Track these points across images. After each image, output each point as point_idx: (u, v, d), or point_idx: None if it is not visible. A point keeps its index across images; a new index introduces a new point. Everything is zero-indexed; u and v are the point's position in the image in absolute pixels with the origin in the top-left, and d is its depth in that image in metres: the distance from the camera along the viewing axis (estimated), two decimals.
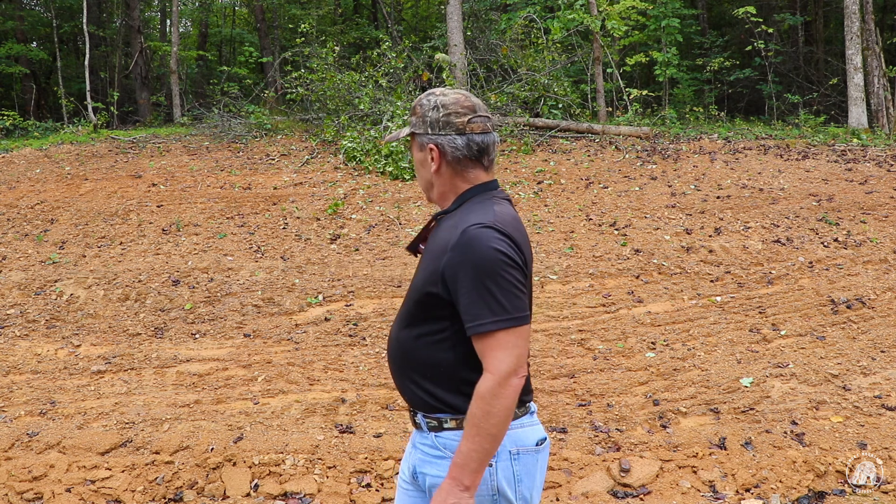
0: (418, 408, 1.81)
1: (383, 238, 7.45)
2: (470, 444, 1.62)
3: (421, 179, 1.89)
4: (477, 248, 1.63)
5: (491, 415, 1.60)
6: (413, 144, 1.87)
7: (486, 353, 1.64)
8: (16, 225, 7.99)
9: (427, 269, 1.75)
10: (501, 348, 1.62)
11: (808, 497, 3.31)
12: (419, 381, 1.79)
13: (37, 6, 21.10)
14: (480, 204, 1.78)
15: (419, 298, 1.75)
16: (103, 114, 15.11)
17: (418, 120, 1.83)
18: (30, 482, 3.42)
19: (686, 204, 8.20)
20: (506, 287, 1.62)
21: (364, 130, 10.71)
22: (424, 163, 1.84)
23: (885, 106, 12.76)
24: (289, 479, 3.45)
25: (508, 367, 1.61)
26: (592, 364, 4.74)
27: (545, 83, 12.44)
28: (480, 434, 1.61)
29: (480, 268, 1.62)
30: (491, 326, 1.61)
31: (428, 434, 1.80)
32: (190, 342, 5.25)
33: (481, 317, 1.62)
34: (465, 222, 1.69)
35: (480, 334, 1.63)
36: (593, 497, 3.32)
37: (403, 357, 1.82)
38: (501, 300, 1.61)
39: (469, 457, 1.62)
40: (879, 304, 5.60)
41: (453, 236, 1.68)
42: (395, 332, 1.86)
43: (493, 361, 1.62)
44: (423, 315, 1.76)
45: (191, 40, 23.76)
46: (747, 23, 14.72)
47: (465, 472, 1.63)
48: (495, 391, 1.60)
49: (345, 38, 18.16)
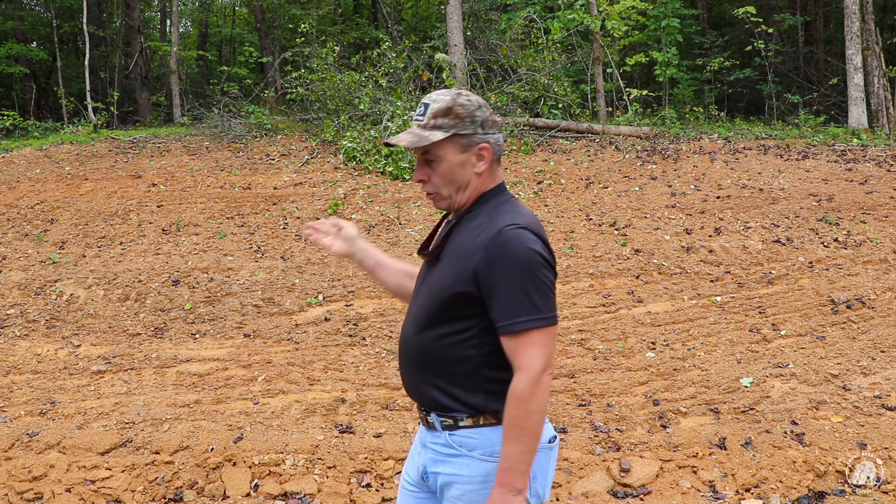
0: (434, 408, 1.81)
1: (383, 238, 7.45)
2: (515, 447, 1.65)
3: (452, 183, 1.81)
4: (514, 248, 1.66)
5: (532, 413, 1.64)
6: (445, 147, 1.79)
7: (519, 351, 1.66)
8: (16, 225, 7.99)
9: (454, 269, 1.75)
10: (535, 346, 1.65)
11: (808, 497, 3.31)
12: (439, 382, 1.78)
13: (37, 6, 21.10)
14: (506, 204, 1.80)
15: (447, 298, 1.74)
16: (103, 114, 15.11)
17: (462, 121, 1.78)
18: (30, 482, 3.42)
19: (686, 204, 8.20)
20: (541, 287, 1.66)
21: (364, 130, 10.71)
22: (465, 164, 1.80)
23: (885, 106, 12.76)
24: (289, 479, 3.45)
25: (542, 365, 1.65)
26: (592, 364, 4.74)
27: (545, 83, 12.44)
28: (524, 434, 1.65)
29: (518, 268, 1.65)
30: (526, 325, 1.64)
31: (441, 433, 1.80)
32: (190, 342, 5.25)
33: (516, 315, 1.65)
34: (498, 223, 1.71)
35: (515, 333, 1.66)
36: (593, 497, 3.32)
37: (424, 358, 1.81)
38: (536, 300, 1.65)
39: (516, 459, 1.65)
40: (879, 304, 5.60)
41: (485, 237, 1.70)
42: (413, 333, 1.84)
43: (527, 359, 1.65)
44: (448, 315, 1.75)
45: (191, 40, 23.77)
46: (747, 23, 14.72)
47: (515, 476, 1.65)
48: (532, 389, 1.64)
49: (345, 38, 18.16)
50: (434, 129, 1.77)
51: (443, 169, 1.80)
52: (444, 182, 1.81)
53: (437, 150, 1.79)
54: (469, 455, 1.76)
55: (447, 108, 1.78)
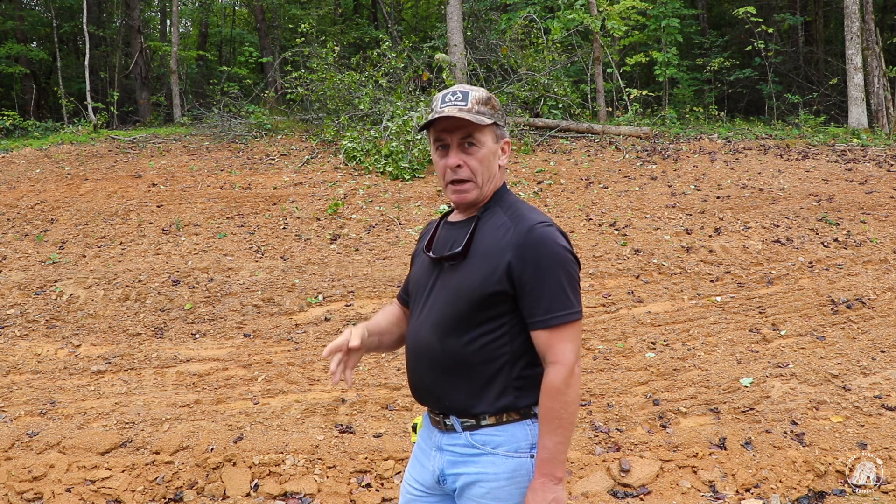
0: (454, 412, 1.80)
1: (383, 238, 7.45)
2: (555, 438, 1.69)
3: (487, 170, 1.83)
4: (548, 245, 1.71)
5: (569, 403, 1.69)
6: (487, 134, 1.81)
7: (554, 344, 1.71)
8: (16, 225, 7.99)
9: (482, 269, 1.74)
10: (569, 340, 1.71)
11: (808, 497, 3.31)
12: (468, 386, 1.77)
13: (37, 6, 21.10)
14: (519, 203, 1.85)
15: (477, 299, 1.74)
16: (103, 114, 15.11)
17: (498, 113, 1.84)
18: (30, 482, 3.42)
19: (686, 204, 8.20)
20: (573, 283, 1.73)
21: (364, 130, 10.71)
22: (496, 155, 1.85)
23: (885, 106, 12.76)
24: (289, 479, 3.45)
25: (573, 357, 1.71)
26: (592, 364, 4.74)
27: (545, 83, 12.43)
28: (563, 425, 1.69)
29: (552, 264, 1.71)
30: (562, 319, 1.70)
31: (461, 434, 1.79)
32: (190, 342, 5.25)
33: (553, 310, 1.70)
34: (525, 220, 1.76)
35: (551, 327, 1.70)
36: (593, 497, 3.32)
37: (451, 364, 1.78)
38: (570, 295, 1.72)
39: (557, 450, 1.69)
40: (879, 304, 5.60)
41: (515, 234, 1.73)
42: (435, 339, 1.80)
43: (562, 352, 1.70)
44: (479, 316, 1.75)
45: (191, 40, 23.76)
46: (747, 23, 14.72)
47: (556, 466, 1.69)
48: (568, 380, 1.69)
49: (345, 38, 18.16)
50: (479, 115, 1.79)
51: (481, 154, 1.81)
52: (482, 168, 1.82)
53: (481, 135, 1.80)
54: (493, 453, 1.76)
55: (487, 98, 1.82)
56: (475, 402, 1.76)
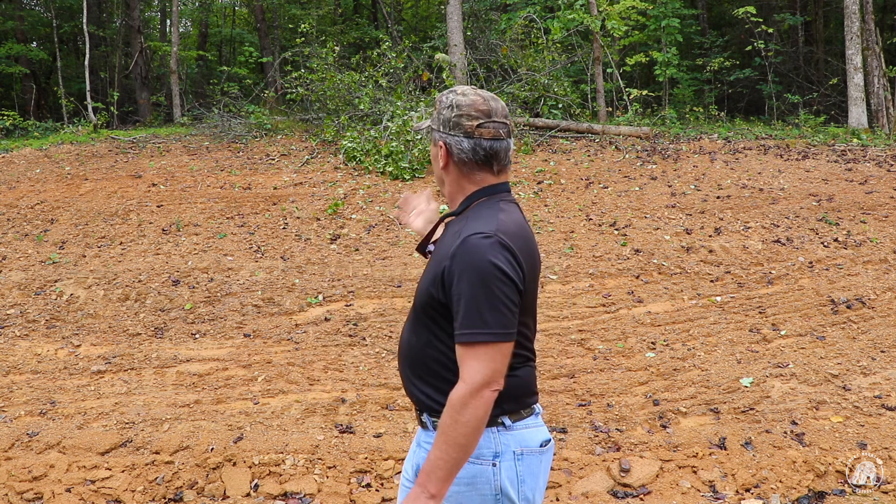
0: (423, 408, 1.82)
1: (383, 238, 7.45)
2: (438, 452, 1.62)
3: (435, 174, 1.91)
4: (474, 258, 1.63)
5: (459, 423, 1.60)
6: (432, 136, 1.88)
7: (464, 361, 1.64)
8: (16, 225, 7.99)
9: (431, 273, 1.77)
10: (477, 359, 1.62)
11: (808, 497, 3.31)
12: (425, 383, 1.80)
13: (37, 6, 21.10)
14: (487, 209, 1.76)
15: (425, 301, 1.77)
16: (103, 114, 15.11)
17: (435, 115, 1.84)
18: (30, 482, 3.42)
19: (686, 204, 8.20)
20: (493, 302, 1.62)
21: (364, 130, 10.71)
22: (436, 158, 1.86)
23: (885, 106, 12.76)
24: (289, 479, 3.45)
25: (481, 379, 1.61)
26: (592, 364, 4.74)
27: (545, 83, 12.43)
28: (448, 442, 1.61)
29: (473, 278, 1.62)
30: (471, 337, 1.62)
31: (433, 432, 1.81)
32: (190, 342, 5.25)
33: (465, 326, 1.63)
34: (467, 230, 1.69)
35: (461, 343, 1.64)
36: (593, 497, 3.32)
37: (411, 359, 1.83)
38: (485, 314, 1.61)
39: (437, 464, 1.62)
40: (879, 304, 5.60)
41: (455, 243, 1.69)
42: (405, 334, 1.88)
43: (468, 371, 1.62)
44: (427, 318, 1.78)
45: (191, 40, 23.76)
46: (747, 23, 14.72)
47: (431, 480, 1.62)
48: (465, 400, 1.60)
49: (345, 38, 18.16)
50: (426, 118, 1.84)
51: (431, 159, 1.90)
52: (434, 172, 1.90)
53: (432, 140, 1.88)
54: None
55: (435, 101, 1.88)
56: (436, 402, 1.77)
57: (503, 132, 1.80)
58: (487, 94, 1.83)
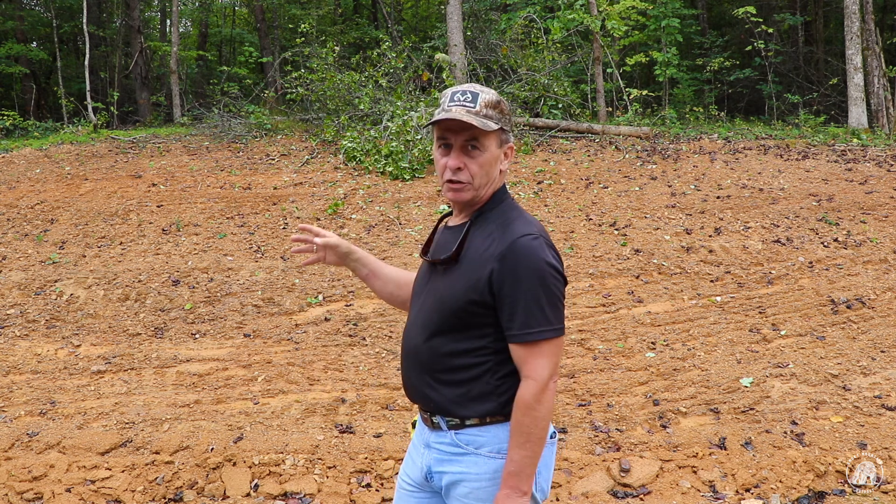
0: (438, 411, 1.81)
1: (383, 238, 7.45)
2: (523, 452, 1.69)
3: (487, 175, 1.81)
4: (530, 259, 1.69)
5: (538, 419, 1.68)
6: (491, 139, 1.80)
7: (528, 359, 1.70)
8: (16, 225, 7.99)
9: (467, 277, 1.75)
10: (544, 356, 1.69)
11: (808, 497, 3.31)
12: (449, 387, 1.79)
13: (37, 6, 21.10)
14: (514, 210, 1.82)
15: (460, 307, 1.75)
16: (103, 114, 15.11)
17: (505, 118, 1.81)
18: (30, 482, 3.42)
19: (686, 204, 8.20)
20: (552, 299, 1.70)
21: (364, 130, 10.71)
22: (498, 160, 1.83)
23: (885, 106, 12.76)
24: (289, 479, 3.45)
25: (549, 374, 1.70)
26: (592, 364, 4.74)
27: (545, 83, 12.43)
28: (531, 440, 1.69)
29: (532, 279, 1.68)
30: (537, 336, 1.69)
31: (447, 433, 1.81)
32: (190, 342, 5.25)
33: (529, 325, 1.68)
34: (512, 232, 1.73)
35: (526, 342, 1.69)
36: (593, 497, 3.32)
37: (434, 366, 1.80)
38: (548, 311, 1.69)
39: (523, 463, 1.69)
40: (879, 304, 5.60)
41: (500, 246, 1.72)
42: (421, 339, 1.83)
43: (535, 368, 1.69)
44: (462, 323, 1.76)
45: (191, 40, 23.76)
46: (747, 23, 14.72)
47: (522, 479, 1.69)
48: (539, 397, 1.68)
49: (345, 38, 18.16)
50: (487, 119, 1.77)
51: (484, 159, 1.79)
52: (482, 172, 1.80)
53: (485, 140, 1.78)
54: (476, 453, 1.78)
55: (497, 102, 1.79)
56: (458, 404, 1.78)
57: None
58: None
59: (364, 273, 2.11)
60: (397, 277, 2.11)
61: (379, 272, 2.12)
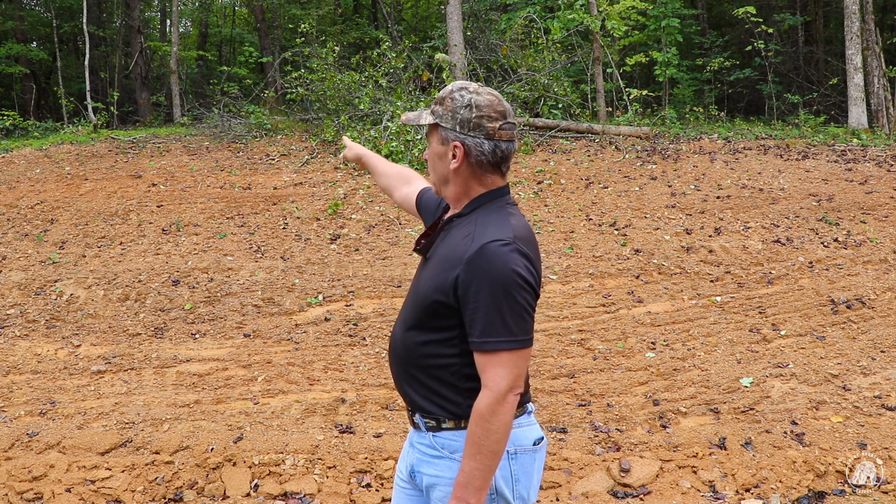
0: (417, 409, 1.82)
1: (383, 238, 7.45)
2: (472, 463, 1.64)
3: (435, 172, 1.83)
4: (494, 266, 1.62)
5: (491, 432, 1.63)
6: (433, 134, 1.80)
7: (486, 369, 1.65)
8: (16, 225, 7.99)
9: (437, 276, 1.73)
10: (502, 366, 1.63)
11: (808, 497, 3.31)
12: (420, 384, 1.79)
13: (37, 6, 21.09)
14: (496, 214, 1.75)
15: (427, 305, 1.74)
16: (103, 114, 15.11)
17: (447, 113, 1.76)
18: (30, 482, 3.42)
19: (686, 204, 8.20)
20: (516, 309, 1.63)
21: (364, 130, 10.71)
22: (444, 157, 1.78)
23: (885, 106, 12.76)
24: (289, 479, 3.45)
25: (507, 385, 1.63)
26: (592, 364, 4.74)
27: (545, 83, 12.43)
28: (482, 452, 1.63)
29: (495, 287, 1.62)
30: (495, 346, 1.63)
31: (426, 434, 1.81)
32: (190, 342, 5.25)
33: (488, 334, 1.63)
34: (482, 236, 1.67)
35: (484, 351, 1.65)
36: (593, 497, 3.32)
37: (406, 358, 1.81)
38: (509, 322, 1.63)
39: (472, 475, 1.64)
40: (879, 304, 5.60)
41: (469, 249, 1.66)
42: (399, 332, 1.85)
43: (493, 378, 1.64)
44: (430, 320, 1.75)
45: (191, 40, 23.76)
46: (747, 23, 14.72)
47: (469, 491, 1.65)
48: (493, 408, 1.63)
49: (345, 38, 18.15)
50: (425, 113, 1.79)
51: (429, 154, 1.84)
52: (430, 167, 1.84)
53: (428, 135, 1.83)
54: (451, 457, 1.76)
55: (443, 97, 1.78)
56: (430, 401, 1.77)
57: (514, 133, 1.80)
58: (496, 92, 1.82)
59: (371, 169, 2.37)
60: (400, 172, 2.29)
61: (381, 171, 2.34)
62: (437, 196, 2.02)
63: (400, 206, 2.30)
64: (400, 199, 2.24)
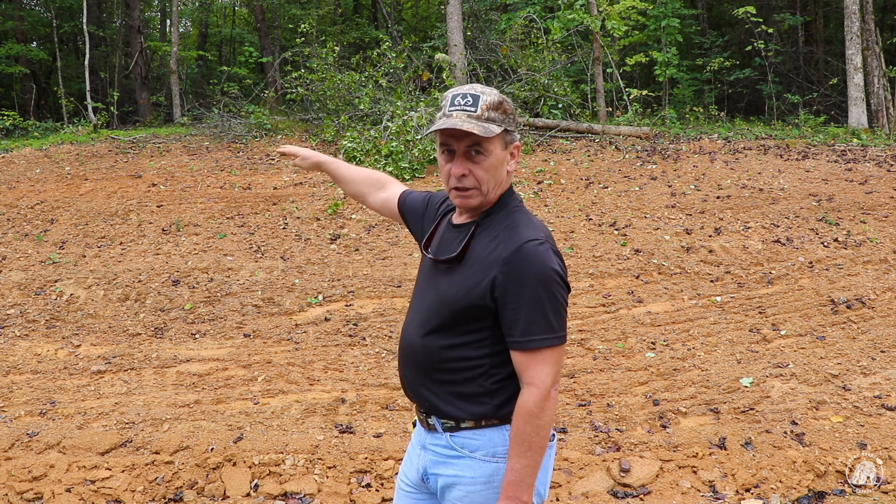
0: (435, 412, 1.80)
1: (383, 238, 7.45)
2: (524, 461, 1.67)
3: (494, 179, 1.78)
4: (535, 265, 1.66)
5: (540, 428, 1.66)
6: (494, 143, 1.75)
7: (530, 366, 1.67)
8: (16, 225, 7.99)
9: (470, 280, 1.72)
10: (546, 363, 1.67)
11: (808, 497, 3.31)
12: (444, 389, 1.78)
13: (37, 6, 21.10)
14: (519, 213, 1.80)
15: (460, 310, 1.73)
16: (103, 114, 15.11)
17: (509, 118, 1.77)
18: (30, 482, 3.42)
19: (686, 204, 8.20)
20: (556, 306, 1.67)
21: (364, 130, 10.71)
22: (504, 161, 1.79)
23: (885, 106, 12.76)
24: (289, 479, 3.45)
25: (551, 381, 1.68)
26: (592, 364, 4.74)
27: (545, 83, 12.43)
28: (532, 449, 1.66)
29: (536, 286, 1.66)
30: (540, 343, 1.66)
31: (442, 434, 1.80)
32: (190, 342, 5.25)
33: (531, 333, 1.66)
34: (518, 236, 1.71)
35: (528, 349, 1.67)
36: (593, 497, 3.32)
37: (427, 363, 1.79)
38: (551, 319, 1.67)
39: (524, 472, 1.67)
40: (879, 304, 5.60)
41: (506, 250, 1.69)
42: (416, 337, 1.82)
43: (538, 375, 1.67)
44: (461, 325, 1.74)
45: (191, 40, 23.77)
46: (747, 23, 14.72)
47: (522, 489, 1.67)
48: (541, 404, 1.66)
49: (345, 38, 18.16)
50: (489, 122, 1.72)
51: (489, 164, 1.75)
52: (488, 177, 1.76)
53: (489, 144, 1.74)
54: (471, 456, 1.76)
55: (499, 103, 1.75)
56: (453, 405, 1.77)
57: None
58: None
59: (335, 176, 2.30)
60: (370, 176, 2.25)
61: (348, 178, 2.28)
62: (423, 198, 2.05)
63: (377, 212, 2.25)
64: (377, 204, 2.20)
